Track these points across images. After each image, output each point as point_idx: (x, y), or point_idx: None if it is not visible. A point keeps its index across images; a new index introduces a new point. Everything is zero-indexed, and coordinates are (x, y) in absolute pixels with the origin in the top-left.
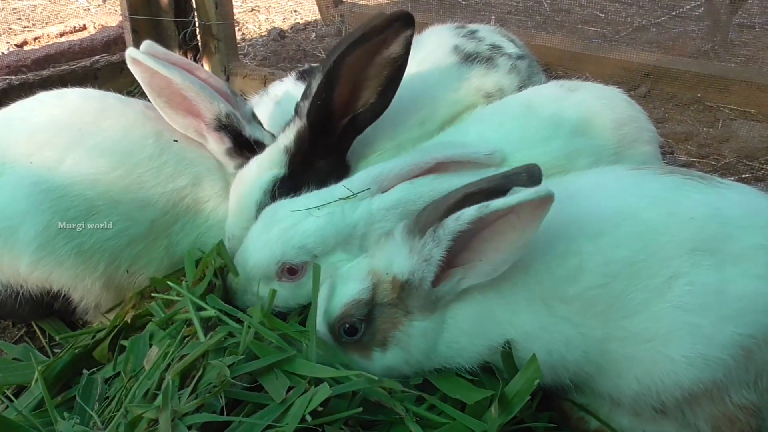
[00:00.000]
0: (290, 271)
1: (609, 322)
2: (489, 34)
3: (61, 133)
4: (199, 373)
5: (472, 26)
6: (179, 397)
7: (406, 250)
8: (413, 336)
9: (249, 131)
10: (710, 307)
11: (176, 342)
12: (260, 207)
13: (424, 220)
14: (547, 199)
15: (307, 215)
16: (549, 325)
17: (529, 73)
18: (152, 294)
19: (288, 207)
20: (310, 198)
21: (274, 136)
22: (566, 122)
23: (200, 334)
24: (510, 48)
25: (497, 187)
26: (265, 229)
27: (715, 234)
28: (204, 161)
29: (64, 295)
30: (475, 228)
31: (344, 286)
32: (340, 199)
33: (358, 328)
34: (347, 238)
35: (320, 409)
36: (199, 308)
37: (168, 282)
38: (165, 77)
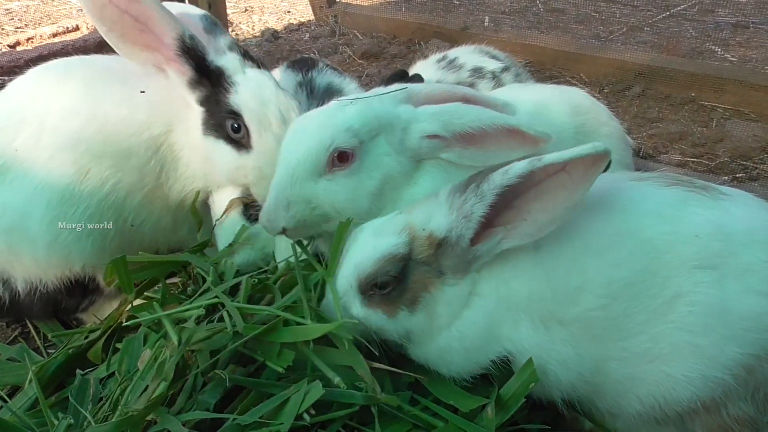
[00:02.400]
0: (341, 158)
1: (608, 343)
2: (470, 57)
3: (32, 107)
4: (192, 370)
5: (452, 53)
6: (172, 395)
7: (446, 207)
8: (440, 302)
9: (212, 57)
10: (713, 328)
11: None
12: None
13: (473, 182)
14: (603, 157)
15: (344, 106)
16: (546, 344)
17: (518, 81)
18: (146, 295)
19: (317, 110)
20: (342, 98)
21: (249, 62)
22: (523, 104)
23: (174, 338)
24: (492, 65)
25: None
26: (303, 126)
27: (718, 251)
28: (174, 107)
29: (88, 277)
30: (522, 185)
31: (378, 239)
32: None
33: (390, 283)
34: (389, 126)
35: (313, 412)
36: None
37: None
38: (116, 8)
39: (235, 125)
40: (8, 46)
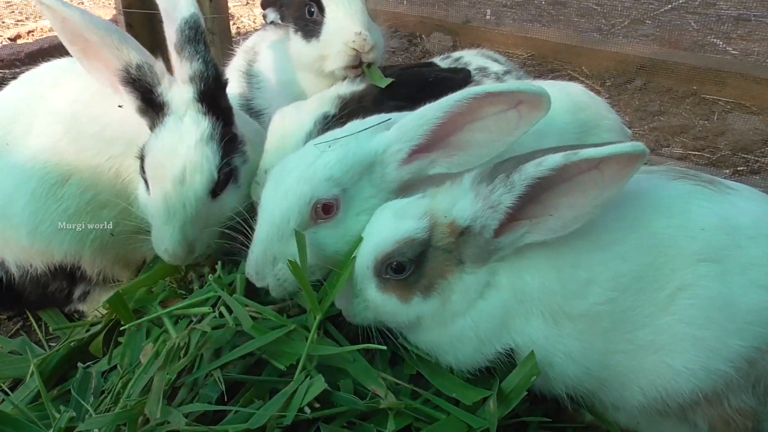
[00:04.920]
0: (325, 209)
1: (615, 336)
2: (473, 58)
3: (26, 104)
4: (195, 364)
5: (457, 54)
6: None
7: (472, 195)
8: (455, 290)
9: (162, 90)
10: (716, 321)
11: (172, 338)
12: (310, 138)
13: (501, 170)
14: (640, 157)
15: (323, 153)
16: (554, 338)
17: None
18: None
19: (296, 157)
20: (319, 140)
21: (200, 105)
22: None
23: (171, 331)
24: (495, 67)
25: None
26: (283, 178)
27: (723, 245)
28: (142, 128)
29: (72, 266)
30: (552, 179)
31: (399, 221)
32: (352, 134)
33: (407, 267)
34: (370, 166)
35: (317, 405)
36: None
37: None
38: (77, 22)
39: (143, 167)
40: (9, 39)
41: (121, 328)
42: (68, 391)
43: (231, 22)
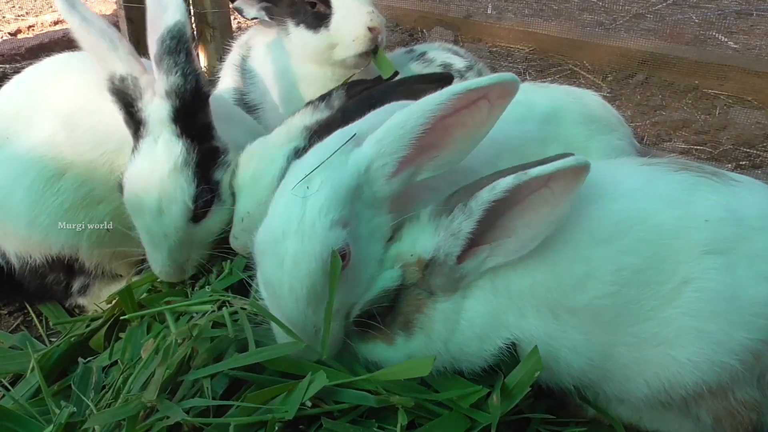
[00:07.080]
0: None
1: (618, 329)
2: (438, 53)
3: (28, 98)
4: (193, 359)
5: (420, 48)
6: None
7: (432, 228)
8: (435, 320)
9: (142, 105)
10: (721, 314)
11: (173, 333)
12: (283, 176)
13: (454, 201)
14: (583, 170)
15: (306, 199)
16: (556, 332)
17: None
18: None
19: (279, 216)
20: (291, 184)
21: (174, 126)
22: (537, 109)
23: (172, 326)
24: (459, 63)
25: None
26: (280, 247)
27: (729, 236)
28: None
29: (69, 258)
30: (507, 202)
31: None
32: (321, 163)
33: (381, 312)
34: (357, 189)
35: (325, 406)
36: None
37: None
38: (75, 28)
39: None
40: (9, 33)
41: (122, 318)
42: (69, 387)
43: (232, 17)
